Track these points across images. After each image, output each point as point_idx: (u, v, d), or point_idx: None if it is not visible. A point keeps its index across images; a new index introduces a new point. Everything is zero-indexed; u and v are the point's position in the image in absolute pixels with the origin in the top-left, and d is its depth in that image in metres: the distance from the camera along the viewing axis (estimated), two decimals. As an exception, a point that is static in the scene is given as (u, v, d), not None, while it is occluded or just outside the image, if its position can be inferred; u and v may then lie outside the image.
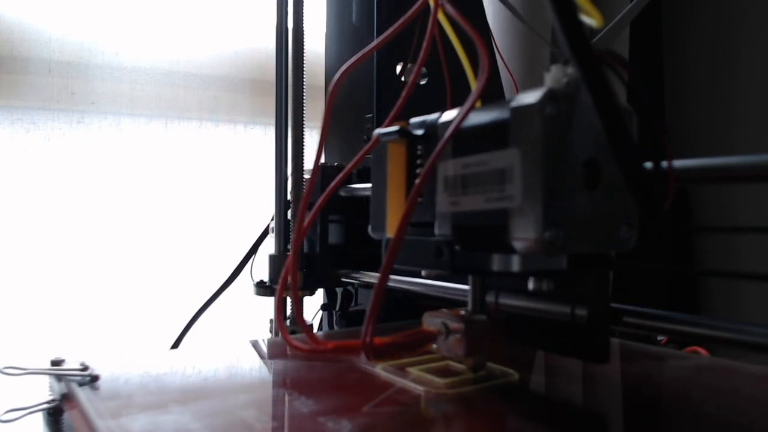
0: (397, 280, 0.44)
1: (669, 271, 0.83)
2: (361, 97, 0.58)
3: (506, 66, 0.61)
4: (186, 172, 0.76)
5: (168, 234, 0.75)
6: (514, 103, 0.24)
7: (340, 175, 0.29)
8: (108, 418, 0.26)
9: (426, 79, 0.53)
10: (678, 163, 0.25)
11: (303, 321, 0.30)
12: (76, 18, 0.70)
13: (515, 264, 0.26)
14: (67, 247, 0.69)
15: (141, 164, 0.74)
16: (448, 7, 0.28)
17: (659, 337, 0.45)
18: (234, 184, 0.79)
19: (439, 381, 0.30)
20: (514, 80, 0.62)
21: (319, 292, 0.59)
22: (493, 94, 0.26)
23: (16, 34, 0.66)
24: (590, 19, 0.23)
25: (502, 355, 0.33)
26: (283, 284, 0.29)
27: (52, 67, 0.68)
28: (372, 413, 0.27)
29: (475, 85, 0.29)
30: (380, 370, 0.33)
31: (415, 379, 0.31)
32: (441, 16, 0.29)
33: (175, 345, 0.58)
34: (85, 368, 0.33)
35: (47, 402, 0.33)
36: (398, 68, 0.56)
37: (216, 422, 0.26)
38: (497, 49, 0.62)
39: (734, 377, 0.35)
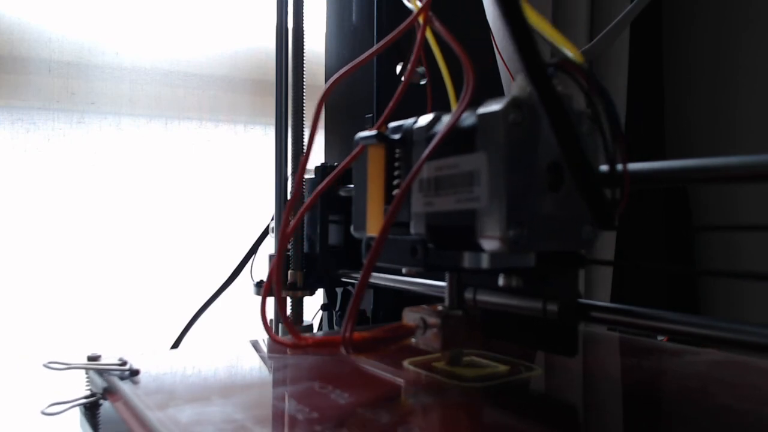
0: (389, 279, 0.45)
1: (669, 270, 0.83)
2: (361, 96, 0.58)
3: (506, 66, 0.61)
4: (186, 172, 0.76)
5: (168, 234, 0.75)
6: (481, 110, 0.26)
7: (328, 177, 0.30)
8: (156, 410, 0.27)
9: (425, 79, 0.53)
10: (677, 163, 0.25)
11: (286, 317, 0.31)
12: (76, 18, 0.70)
13: (484, 261, 0.27)
14: (67, 247, 0.69)
15: (141, 164, 0.74)
16: (437, 25, 0.29)
17: (659, 337, 0.45)
18: (234, 185, 0.79)
19: (467, 374, 0.32)
20: (513, 80, 0.62)
21: (319, 292, 0.59)
22: (492, 94, 0.26)
23: (16, 34, 0.66)
24: (567, 51, 0.24)
25: (521, 352, 0.35)
26: (269, 283, 0.30)
27: (52, 67, 0.68)
28: (403, 405, 0.29)
29: (455, 103, 0.30)
30: (408, 365, 0.34)
31: (442, 373, 0.32)
32: (428, 34, 0.30)
33: (176, 345, 0.58)
34: (124, 363, 0.34)
35: (86, 396, 0.34)
36: (398, 68, 0.56)
37: (260, 413, 0.27)
38: (497, 48, 0.62)
39: (750, 373, 0.35)
